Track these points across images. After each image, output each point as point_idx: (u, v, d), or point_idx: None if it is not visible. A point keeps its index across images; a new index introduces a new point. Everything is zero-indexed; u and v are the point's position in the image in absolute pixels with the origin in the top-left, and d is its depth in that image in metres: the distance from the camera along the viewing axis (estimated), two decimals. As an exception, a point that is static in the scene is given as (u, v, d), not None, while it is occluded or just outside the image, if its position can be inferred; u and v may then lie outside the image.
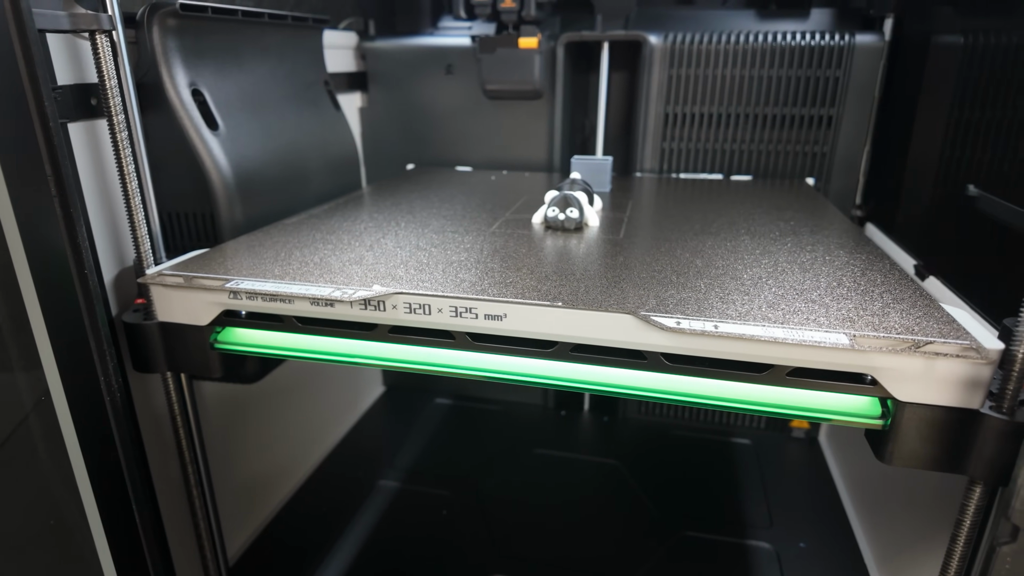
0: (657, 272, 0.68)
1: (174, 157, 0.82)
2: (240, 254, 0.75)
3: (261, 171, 0.90)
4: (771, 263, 0.71)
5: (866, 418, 0.57)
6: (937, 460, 0.56)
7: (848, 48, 1.14)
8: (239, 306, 0.68)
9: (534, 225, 0.89)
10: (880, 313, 0.57)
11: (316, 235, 0.82)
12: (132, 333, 0.73)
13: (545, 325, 0.61)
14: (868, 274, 0.68)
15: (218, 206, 0.83)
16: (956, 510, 0.57)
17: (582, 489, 1.25)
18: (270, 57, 0.97)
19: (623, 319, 0.58)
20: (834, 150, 1.20)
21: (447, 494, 1.22)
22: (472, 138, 1.35)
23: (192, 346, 0.71)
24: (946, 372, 0.52)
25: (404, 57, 1.33)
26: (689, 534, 1.12)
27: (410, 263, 0.71)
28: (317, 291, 0.63)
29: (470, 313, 0.62)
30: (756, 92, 1.19)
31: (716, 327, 0.55)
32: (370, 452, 1.36)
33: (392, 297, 0.63)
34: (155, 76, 0.79)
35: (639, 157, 1.28)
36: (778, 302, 0.60)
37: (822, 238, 0.81)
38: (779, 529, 1.14)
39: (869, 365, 0.54)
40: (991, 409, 0.54)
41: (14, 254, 0.58)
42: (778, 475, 1.29)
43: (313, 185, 1.03)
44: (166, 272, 0.69)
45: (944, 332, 0.53)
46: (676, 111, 1.24)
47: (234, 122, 0.87)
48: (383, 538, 1.11)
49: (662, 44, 1.20)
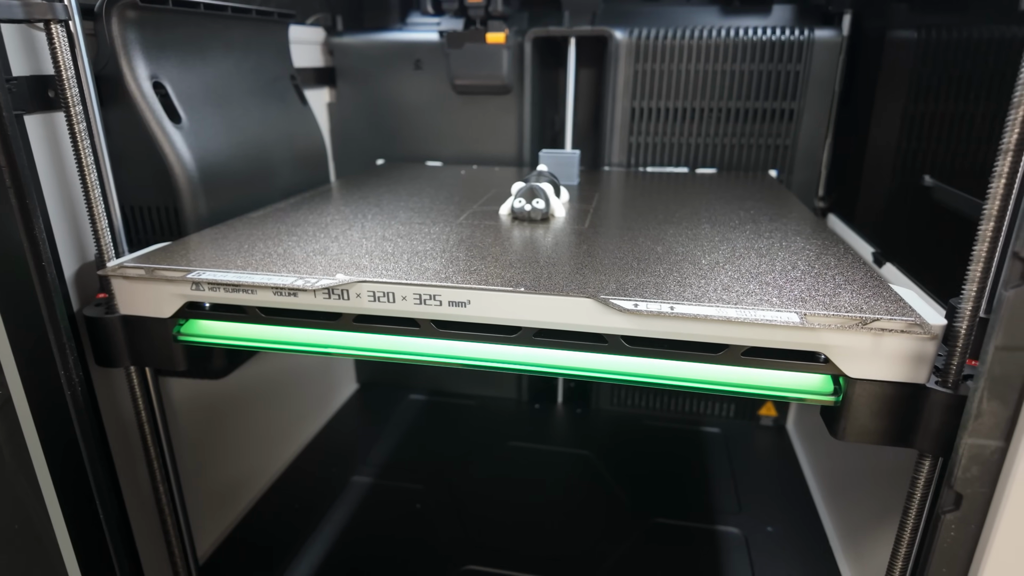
0: (619, 259, 0.70)
1: (136, 150, 0.81)
2: (203, 246, 0.75)
3: (225, 164, 0.90)
4: (729, 249, 0.73)
5: (819, 395, 0.58)
6: (887, 434, 0.58)
7: (808, 43, 1.16)
8: (202, 297, 0.67)
9: (501, 216, 0.90)
10: (831, 293, 0.59)
11: (281, 227, 0.82)
12: (94, 327, 0.72)
13: (508, 311, 0.61)
14: (822, 258, 0.70)
15: (181, 199, 0.83)
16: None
17: (555, 480, 1.26)
18: (234, 51, 0.97)
19: (583, 303, 0.59)
20: (796, 143, 1.22)
21: (421, 488, 1.22)
22: (442, 133, 1.36)
23: (155, 339, 0.71)
24: (893, 348, 0.54)
25: (372, 53, 1.33)
26: (660, 521, 1.14)
27: (375, 253, 0.72)
28: (280, 280, 0.63)
29: (434, 300, 0.62)
30: (720, 87, 1.22)
31: (672, 308, 0.56)
32: (343, 448, 1.36)
33: (356, 285, 0.63)
34: (115, 68, 0.78)
35: (607, 151, 1.29)
36: (733, 284, 0.61)
37: (780, 226, 0.83)
38: (747, 514, 1.16)
39: (820, 343, 0.55)
40: (936, 384, 0.56)
41: (-32, 246, 0.57)
42: (747, 462, 1.32)
43: (279, 179, 1.03)
44: (127, 264, 0.68)
45: (891, 310, 0.55)
46: (642, 106, 1.25)
47: (197, 115, 0.87)
48: (355, 533, 1.11)
49: (627, 40, 1.21)
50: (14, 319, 0.62)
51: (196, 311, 0.70)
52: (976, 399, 0.49)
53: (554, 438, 1.41)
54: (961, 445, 0.50)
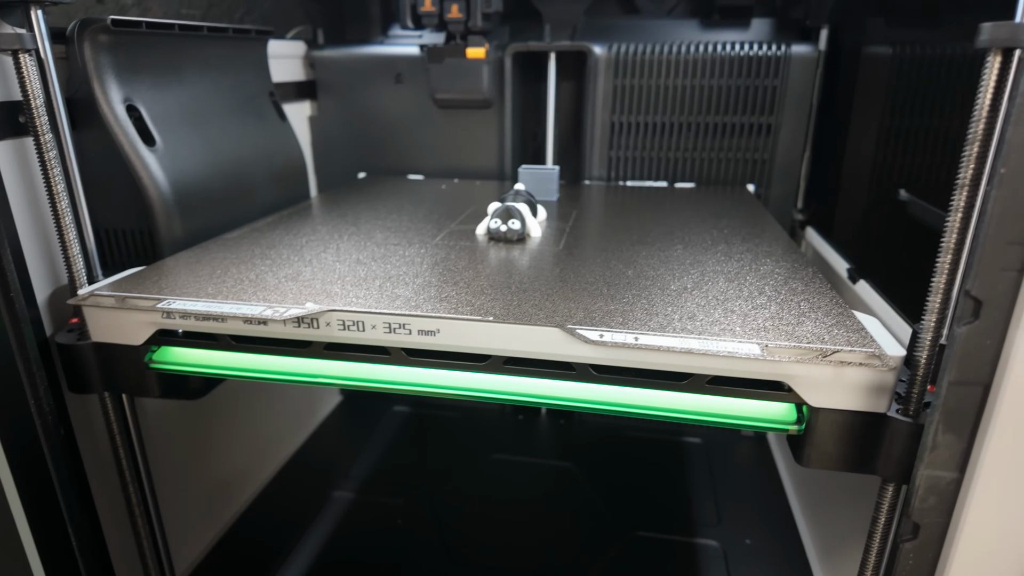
0: (589, 284, 0.70)
1: (110, 174, 0.81)
2: (176, 272, 0.75)
3: (202, 185, 0.90)
4: (699, 273, 0.74)
5: (783, 424, 0.59)
6: (850, 461, 0.58)
7: (785, 58, 1.17)
8: (173, 325, 0.67)
9: (478, 237, 0.90)
10: (795, 322, 0.60)
11: (255, 250, 0.82)
12: (66, 354, 0.72)
13: (478, 339, 0.62)
14: (790, 283, 0.71)
15: (156, 222, 0.83)
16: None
17: (537, 493, 1.27)
18: (211, 70, 0.97)
19: (551, 332, 0.59)
20: (773, 157, 1.23)
21: (402, 503, 1.22)
22: (423, 147, 1.36)
23: (127, 366, 0.71)
24: (853, 379, 0.55)
25: (353, 66, 1.33)
26: (640, 534, 1.15)
27: (347, 278, 0.72)
28: (249, 310, 0.64)
29: (404, 329, 0.63)
30: (698, 101, 1.22)
31: (636, 339, 0.56)
32: (325, 462, 1.36)
33: (325, 315, 0.63)
34: (87, 92, 0.78)
35: (587, 165, 1.30)
36: (698, 312, 0.62)
37: (752, 246, 0.84)
38: (726, 527, 1.17)
39: (782, 373, 0.56)
40: (898, 412, 0.57)
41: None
42: (728, 474, 1.32)
43: (258, 197, 1.03)
44: (98, 293, 0.68)
45: (852, 340, 0.56)
46: (622, 120, 1.26)
47: (173, 137, 0.87)
48: (335, 552, 1.11)
49: (606, 55, 1.22)
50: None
51: (169, 337, 0.70)
52: (931, 432, 0.50)
53: (537, 449, 1.41)
54: (918, 476, 0.51)
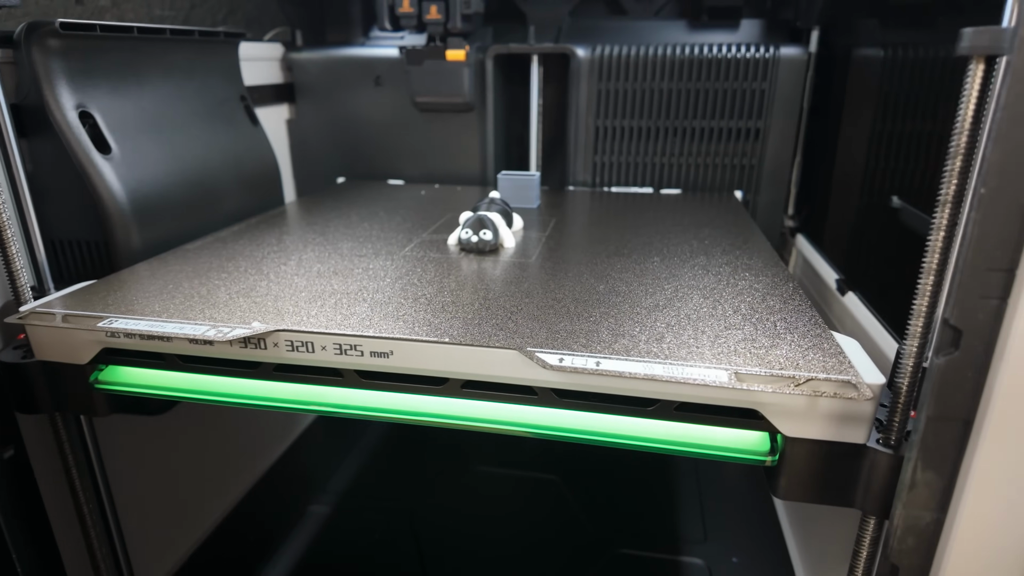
0: (557, 301, 0.67)
1: (62, 183, 0.78)
2: (126, 286, 0.72)
3: (162, 194, 0.86)
4: (673, 288, 0.70)
5: (756, 454, 0.56)
6: (827, 494, 0.55)
7: (773, 60, 1.14)
8: (118, 344, 0.64)
9: (449, 247, 0.86)
10: (769, 345, 0.56)
11: (214, 262, 0.79)
12: (11, 372, 0.69)
13: (433, 362, 0.58)
14: (768, 300, 0.67)
15: (111, 233, 0.80)
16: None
17: (520, 507, 1.23)
18: (175, 74, 0.94)
19: (509, 355, 0.56)
20: (762, 162, 1.20)
21: (381, 517, 1.19)
22: (404, 151, 1.33)
23: (73, 385, 0.67)
24: (828, 407, 0.51)
25: (331, 68, 1.30)
26: (623, 551, 1.11)
27: (303, 294, 0.69)
28: (192, 330, 0.60)
29: (355, 350, 0.59)
30: (684, 105, 1.19)
31: (598, 364, 0.53)
32: (302, 476, 1.33)
33: (272, 335, 0.60)
34: (37, 98, 0.75)
35: (572, 171, 1.27)
36: (667, 333, 0.58)
37: (732, 258, 0.81)
38: (713, 544, 1.13)
39: (753, 401, 0.52)
40: (878, 442, 0.53)
41: None
42: (716, 489, 1.29)
43: (226, 204, 0.99)
44: (40, 310, 0.65)
45: (827, 366, 0.52)
46: (607, 125, 1.23)
47: (131, 144, 0.83)
48: (309, 567, 1.08)
49: (590, 57, 1.18)
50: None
51: (118, 355, 0.67)
52: (910, 469, 0.46)
53: (522, 461, 1.37)
54: (896, 515, 0.48)
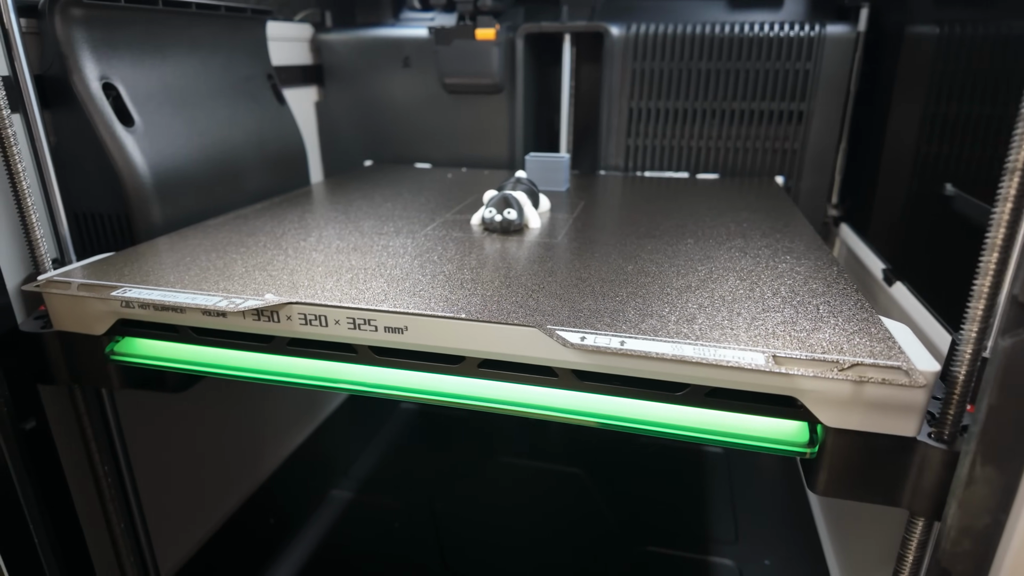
0: (581, 280, 0.63)
1: (85, 155, 0.77)
2: (144, 259, 0.71)
3: (184, 169, 0.85)
4: (707, 270, 0.66)
5: (793, 445, 0.51)
6: (871, 491, 0.50)
7: (819, 39, 1.08)
8: (133, 315, 0.63)
9: (472, 227, 0.84)
10: (811, 328, 0.52)
11: (233, 237, 0.78)
12: (30, 342, 0.68)
13: (449, 338, 0.56)
14: (810, 283, 0.62)
15: (132, 206, 0.79)
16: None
17: (542, 500, 1.20)
18: (200, 49, 0.93)
19: (528, 333, 0.53)
20: (805, 147, 1.14)
21: (401, 505, 1.17)
22: (432, 134, 1.30)
23: (88, 357, 0.67)
24: (876, 396, 0.47)
25: (359, 49, 1.28)
26: (650, 550, 1.07)
27: (320, 268, 0.67)
28: (204, 300, 0.59)
29: (369, 325, 0.57)
30: (723, 86, 1.14)
31: (622, 344, 0.49)
32: (327, 460, 1.32)
33: (286, 307, 0.58)
34: (60, 69, 0.75)
35: (603, 154, 1.22)
36: (699, 314, 0.54)
37: (772, 241, 0.76)
38: (745, 545, 1.08)
39: (791, 387, 0.48)
40: (930, 436, 0.48)
41: None
42: (749, 487, 1.24)
43: (249, 183, 0.98)
44: (57, 279, 0.64)
45: (875, 351, 0.48)
46: (641, 106, 1.18)
47: (154, 117, 0.83)
48: (327, 552, 1.07)
49: (624, 35, 1.14)
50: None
51: (134, 328, 0.65)
52: (967, 464, 0.41)
53: (546, 453, 1.34)
54: (950, 515, 0.43)
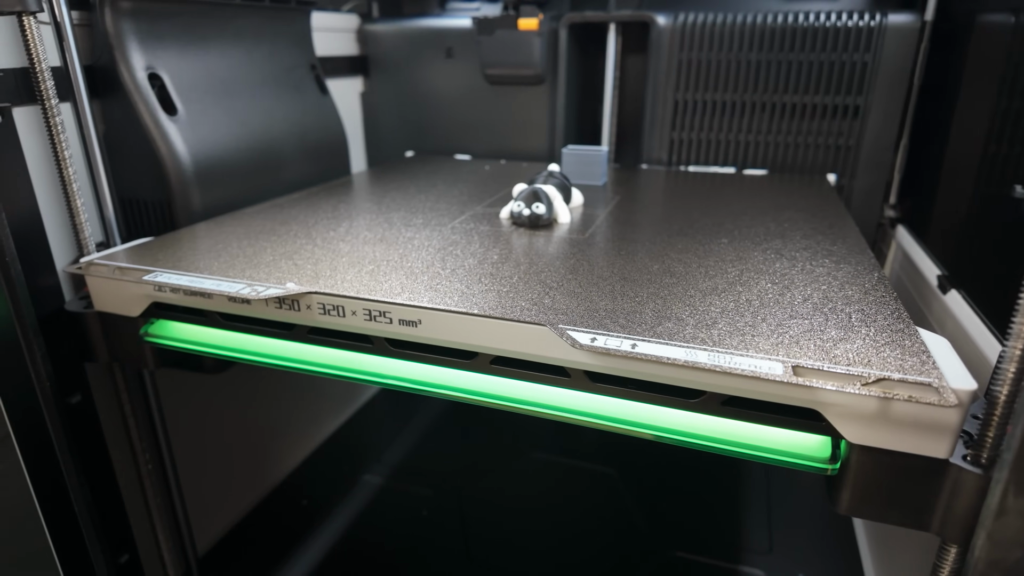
0: (602, 279, 0.62)
1: (132, 143, 0.80)
2: (179, 244, 0.73)
3: (225, 157, 0.88)
4: (738, 272, 0.63)
5: (813, 460, 0.49)
6: (897, 513, 0.47)
7: (879, 29, 1.01)
8: (165, 299, 0.65)
9: (501, 220, 0.83)
10: (838, 338, 0.49)
11: (266, 225, 0.79)
12: (73, 321, 0.72)
13: (461, 334, 0.55)
14: (846, 289, 0.59)
15: (173, 193, 0.81)
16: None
17: (572, 499, 1.19)
18: (245, 40, 0.95)
19: (539, 331, 0.52)
20: (860, 144, 1.08)
21: (431, 494, 1.19)
22: (472, 125, 1.30)
23: (124, 337, 0.70)
24: (904, 413, 0.44)
25: (404, 40, 1.28)
26: (678, 555, 1.05)
27: (344, 259, 0.67)
28: (229, 287, 0.60)
29: (384, 317, 0.57)
30: (774, 78, 1.09)
31: (633, 346, 0.48)
32: (361, 446, 1.34)
33: (306, 297, 0.59)
34: (109, 59, 0.78)
35: (647, 148, 1.19)
36: (720, 319, 0.52)
37: (812, 243, 0.72)
38: (778, 556, 1.05)
39: (813, 399, 0.46)
40: (965, 460, 0.45)
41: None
42: (787, 496, 1.19)
43: (289, 172, 1.00)
44: (97, 262, 0.67)
45: (905, 366, 0.44)
46: (687, 98, 1.14)
47: (197, 107, 0.85)
48: (357, 537, 1.09)
49: (671, 25, 1.10)
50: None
51: (168, 311, 0.68)
52: (998, 492, 0.38)
53: (579, 451, 1.33)
54: (978, 546, 0.40)
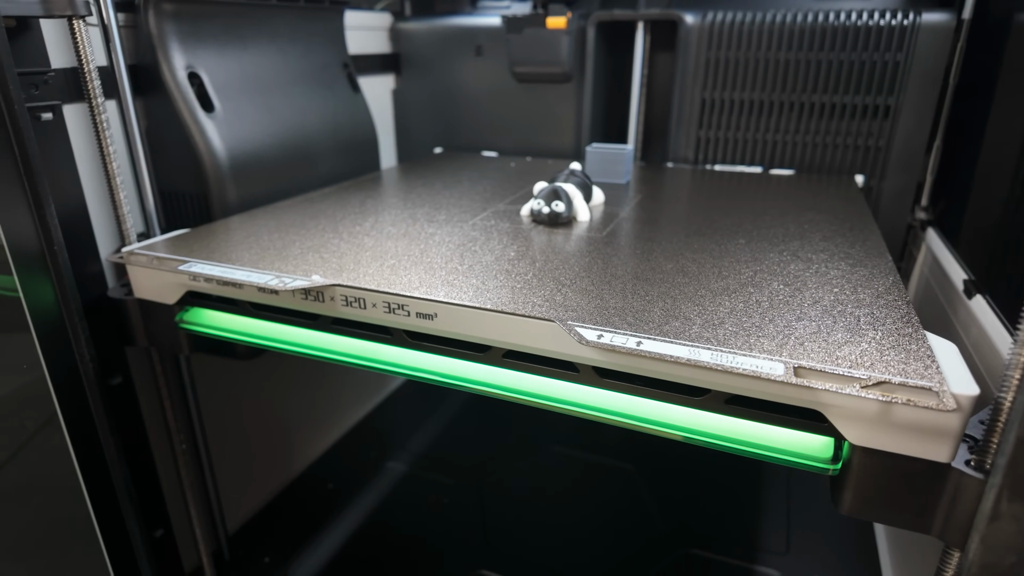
0: (615, 277, 0.63)
1: (172, 138, 0.85)
2: (213, 236, 0.77)
3: (259, 153, 0.91)
4: (752, 273, 0.64)
5: (814, 460, 0.49)
6: (898, 515, 0.48)
7: (912, 28, 1.00)
8: (199, 288, 0.69)
9: (521, 217, 0.85)
10: (843, 341, 0.49)
11: (296, 219, 0.83)
12: (115, 307, 0.76)
13: (475, 327, 0.57)
14: (859, 292, 0.59)
15: (209, 187, 0.85)
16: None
17: (590, 493, 1.20)
18: (279, 39, 0.98)
19: (547, 327, 0.53)
20: (890, 144, 1.06)
21: (451, 483, 1.21)
22: (500, 123, 1.32)
23: (161, 323, 0.73)
24: (907, 417, 0.44)
25: (435, 38, 1.31)
26: (693, 552, 1.05)
27: (367, 253, 0.70)
28: (258, 278, 0.63)
29: (402, 310, 0.60)
30: (803, 77, 1.08)
31: (638, 344, 0.49)
32: (386, 434, 1.38)
33: (329, 289, 0.61)
34: (152, 59, 0.82)
35: (673, 146, 1.19)
36: (727, 319, 0.53)
37: (830, 245, 0.72)
38: (795, 557, 1.04)
39: (815, 400, 0.46)
40: (968, 465, 0.45)
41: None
42: (807, 496, 1.19)
43: (320, 167, 1.03)
44: (137, 252, 0.71)
45: (907, 370, 0.45)
46: (714, 97, 1.14)
47: (233, 104, 0.89)
48: (379, 521, 1.12)
49: (699, 24, 1.10)
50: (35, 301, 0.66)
51: (202, 299, 0.71)
52: (992, 497, 0.39)
53: (599, 446, 1.34)
54: (972, 549, 0.40)
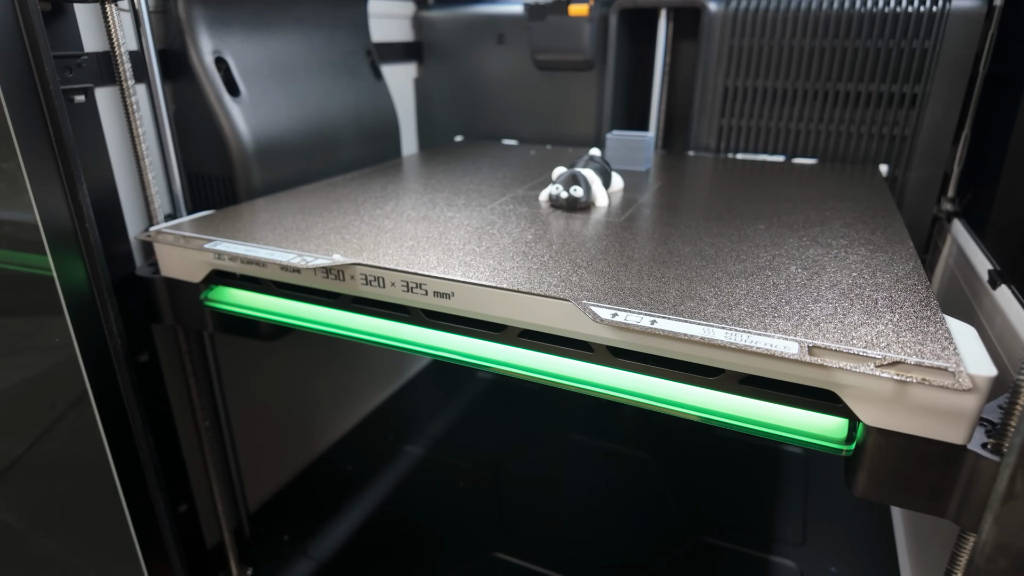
0: (631, 259, 0.63)
1: (200, 122, 0.86)
2: (238, 217, 0.78)
3: (283, 137, 0.93)
4: (770, 257, 0.64)
5: (828, 441, 0.50)
6: (912, 497, 0.48)
7: (941, 14, 0.98)
8: (223, 267, 0.70)
9: (540, 202, 0.85)
10: (860, 322, 0.49)
11: (319, 203, 0.84)
12: (143, 286, 0.78)
13: (491, 306, 0.58)
14: (878, 276, 0.59)
15: (235, 170, 0.87)
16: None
17: (605, 480, 1.21)
18: (305, 26, 1.00)
19: (562, 306, 0.54)
20: (916, 134, 1.04)
21: (468, 467, 1.23)
22: (521, 111, 1.32)
23: (187, 301, 0.75)
24: (922, 398, 0.44)
25: (457, 26, 1.31)
26: (708, 540, 1.05)
27: (387, 235, 0.71)
28: (281, 256, 0.65)
29: (420, 289, 0.60)
30: (828, 65, 1.06)
31: (653, 322, 0.49)
32: (406, 417, 1.40)
33: (350, 268, 0.63)
34: (180, 44, 0.83)
35: (695, 134, 1.19)
36: (744, 300, 0.53)
37: (852, 231, 0.71)
38: (811, 548, 1.04)
39: (830, 381, 0.46)
40: (984, 447, 0.45)
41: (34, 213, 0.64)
42: (825, 488, 1.18)
43: (343, 153, 1.05)
44: (164, 231, 0.73)
45: (924, 351, 0.45)
46: (737, 84, 1.13)
47: (258, 89, 0.90)
48: (395, 501, 1.14)
49: (723, 11, 1.10)
50: (67, 279, 0.68)
51: (227, 278, 0.73)
52: (1006, 476, 0.38)
53: (616, 434, 1.35)
54: (985, 529, 0.40)
